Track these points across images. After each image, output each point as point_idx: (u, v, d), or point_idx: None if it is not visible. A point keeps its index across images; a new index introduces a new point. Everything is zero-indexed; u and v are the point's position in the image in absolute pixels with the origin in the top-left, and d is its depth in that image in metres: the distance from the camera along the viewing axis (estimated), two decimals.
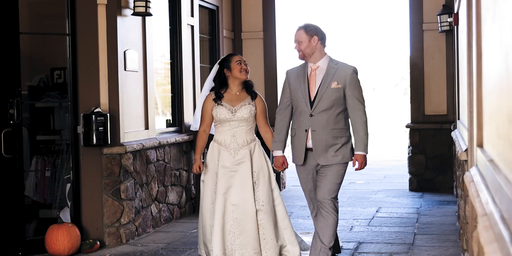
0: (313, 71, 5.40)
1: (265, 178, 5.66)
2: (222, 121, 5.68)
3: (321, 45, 5.41)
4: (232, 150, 5.64)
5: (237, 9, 10.38)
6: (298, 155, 5.42)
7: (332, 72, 5.33)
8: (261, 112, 5.79)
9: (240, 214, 5.51)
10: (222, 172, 5.60)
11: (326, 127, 5.29)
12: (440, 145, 9.91)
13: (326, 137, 5.29)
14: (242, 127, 5.69)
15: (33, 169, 7.14)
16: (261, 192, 5.60)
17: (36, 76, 7.89)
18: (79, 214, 6.66)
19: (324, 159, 5.32)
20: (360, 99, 5.33)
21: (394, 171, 13.21)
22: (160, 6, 7.88)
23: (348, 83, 5.29)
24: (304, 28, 5.41)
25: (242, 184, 5.56)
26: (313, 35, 5.37)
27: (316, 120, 5.30)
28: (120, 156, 6.70)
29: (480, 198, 2.66)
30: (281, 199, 5.78)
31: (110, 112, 6.66)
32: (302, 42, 5.37)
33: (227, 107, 5.67)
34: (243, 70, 5.73)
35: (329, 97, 5.28)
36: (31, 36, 7.66)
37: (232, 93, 5.76)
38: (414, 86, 10.03)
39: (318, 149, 5.31)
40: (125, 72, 6.90)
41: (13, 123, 6.29)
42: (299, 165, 5.46)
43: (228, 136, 5.67)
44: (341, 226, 7.47)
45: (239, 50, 10.39)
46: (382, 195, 9.81)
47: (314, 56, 5.38)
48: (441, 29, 9.54)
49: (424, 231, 7.13)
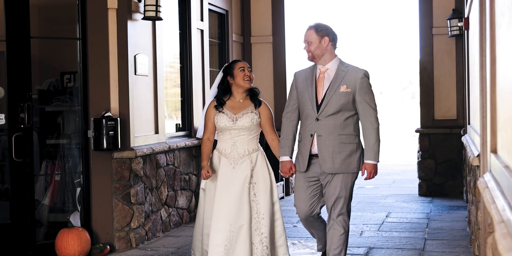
0: (321, 74, 5.14)
1: (266, 191, 5.38)
2: (222, 129, 5.47)
3: (332, 47, 5.13)
4: (232, 160, 5.41)
5: (247, 13, 10.39)
6: (302, 161, 5.14)
7: (341, 75, 5.05)
8: (266, 120, 5.51)
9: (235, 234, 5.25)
10: (220, 184, 5.37)
11: (333, 132, 5.01)
12: (449, 150, 9.88)
13: (333, 143, 5.01)
14: (243, 136, 5.44)
15: (43, 173, 7.14)
16: (262, 205, 5.34)
17: (46, 80, 7.90)
18: (89, 218, 6.67)
19: (330, 167, 5.02)
20: (372, 104, 5.04)
21: (403, 175, 13.18)
22: (170, 11, 7.89)
23: (359, 88, 5.01)
24: (315, 28, 5.13)
25: (240, 198, 5.30)
26: (324, 36, 5.10)
27: (322, 124, 5.03)
28: (130, 160, 6.70)
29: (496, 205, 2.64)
30: (281, 214, 5.50)
31: (120, 116, 6.67)
32: (312, 43, 5.10)
33: (228, 114, 5.45)
34: (246, 77, 5.47)
35: (337, 101, 5.00)
36: (41, 40, 7.67)
37: (236, 100, 5.53)
38: (424, 90, 10.01)
39: (324, 155, 5.02)
40: (135, 76, 6.90)
41: (23, 127, 6.30)
42: (301, 172, 5.17)
43: (228, 145, 5.45)
44: (351, 231, 7.43)
45: (248, 54, 10.40)
46: (391, 200, 9.78)
47: (324, 58, 5.12)
48: (451, 33, 9.53)
49: (434, 237, 7.10)
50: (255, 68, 10.35)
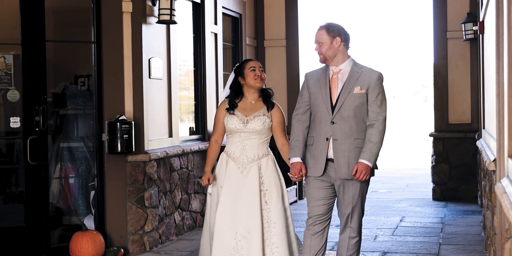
0: (334, 75, 4.89)
1: (278, 197, 5.18)
2: (232, 131, 5.25)
3: (344, 47, 4.89)
4: (241, 164, 5.20)
5: (260, 17, 10.39)
6: (317, 166, 4.86)
7: (355, 76, 4.83)
8: (278, 124, 5.30)
9: (243, 243, 5.07)
10: (226, 187, 5.18)
11: (349, 136, 4.78)
12: (464, 154, 9.83)
13: (349, 148, 4.78)
14: (254, 139, 5.23)
15: (57, 176, 7.16)
16: (273, 213, 5.14)
17: (61, 83, 7.92)
18: (103, 221, 6.67)
19: (346, 173, 4.78)
20: (382, 107, 4.81)
21: (416, 180, 13.13)
22: (184, 14, 7.90)
23: (372, 89, 4.79)
24: (326, 28, 4.88)
25: (248, 205, 5.11)
26: (336, 36, 4.84)
27: (338, 128, 4.79)
28: (144, 163, 6.71)
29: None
30: (291, 220, 5.31)
31: (135, 119, 6.68)
32: (323, 44, 4.86)
33: (239, 116, 5.23)
34: (257, 77, 5.24)
35: (352, 103, 4.78)
36: (56, 44, 7.69)
37: (247, 101, 5.31)
38: (438, 94, 9.97)
39: (340, 160, 4.78)
40: (150, 80, 6.91)
41: (38, 131, 6.32)
42: (316, 176, 4.89)
43: (237, 148, 5.24)
44: (364, 235, 7.41)
45: (262, 58, 10.39)
46: (405, 204, 9.74)
47: (336, 59, 4.87)
48: (465, 37, 9.49)
49: (449, 241, 7.06)
50: (268, 71, 10.34)
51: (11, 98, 6.42)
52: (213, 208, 5.28)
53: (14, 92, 6.41)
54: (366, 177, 4.75)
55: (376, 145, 4.75)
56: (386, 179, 13.36)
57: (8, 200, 6.96)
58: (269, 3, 10.37)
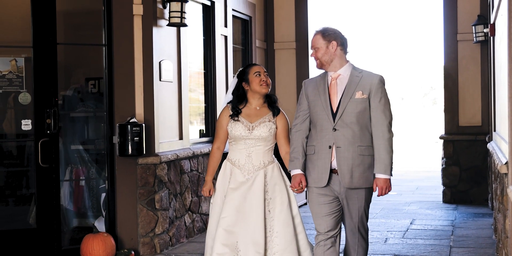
0: (333, 80, 4.69)
1: (283, 205, 4.98)
2: (237, 138, 5.03)
3: (342, 51, 4.69)
4: (246, 172, 5.01)
5: (270, 19, 10.39)
6: (320, 175, 4.64)
7: (355, 80, 4.63)
8: (282, 130, 5.08)
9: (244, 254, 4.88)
10: (230, 197, 4.97)
11: (353, 144, 4.57)
12: (474, 156, 9.80)
13: (352, 155, 4.56)
14: (259, 147, 5.03)
15: (68, 179, 7.17)
16: (276, 222, 4.94)
17: (71, 86, 7.94)
18: (114, 223, 6.69)
19: (350, 182, 4.58)
20: (387, 112, 4.61)
21: (426, 182, 13.10)
22: (194, 17, 7.91)
23: (374, 94, 4.60)
24: (322, 33, 4.70)
25: (251, 214, 4.92)
26: (332, 40, 4.66)
27: (340, 135, 4.58)
28: (155, 166, 6.72)
29: None
30: (303, 227, 5.09)
31: (145, 122, 6.69)
32: (319, 49, 4.67)
33: (244, 123, 5.02)
34: (263, 83, 5.03)
35: (353, 108, 4.58)
36: (66, 46, 7.71)
37: (252, 107, 5.10)
38: (448, 97, 9.95)
39: (344, 169, 4.57)
40: (160, 82, 6.93)
41: (50, 133, 6.35)
42: (320, 186, 4.66)
43: (243, 156, 5.03)
44: (375, 238, 7.41)
45: (271, 60, 10.40)
46: (415, 207, 9.71)
47: (334, 64, 4.67)
48: (476, 39, 9.47)
49: (460, 244, 7.04)
50: (278, 74, 10.36)
51: (22, 101, 6.45)
52: (214, 218, 5.08)
53: (25, 95, 6.44)
54: (389, 190, 4.58)
55: (388, 154, 4.55)
56: (396, 181, 13.31)
57: (19, 202, 6.98)
58: (279, 6, 10.38)
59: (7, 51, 6.51)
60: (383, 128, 4.56)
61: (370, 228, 7.89)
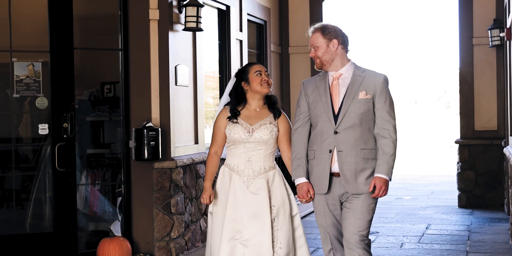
0: (335, 80, 4.45)
1: (286, 215, 4.70)
2: (236, 142, 4.72)
3: (343, 50, 4.45)
4: (246, 178, 4.70)
5: (285, 23, 10.40)
6: (320, 182, 4.40)
7: (359, 80, 4.39)
8: (285, 133, 4.76)
9: None
10: (231, 205, 4.68)
11: (355, 147, 4.34)
12: (490, 161, 9.76)
13: (355, 159, 4.33)
14: (260, 150, 4.71)
15: (84, 183, 7.20)
16: (281, 232, 4.66)
17: (87, 90, 7.98)
18: (130, 227, 6.70)
19: (354, 187, 4.34)
20: (391, 113, 4.39)
21: (441, 186, 13.04)
22: (209, 21, 7.92)
23: (379, 94, 4.37)
24: (321, 30, 4.44)
25: (258, 224, 4.63)
26: (332, 39, 4.41)
27: (342, 138, 4.34)
28: (171, 170, 6.73)
29: None
30: (305, 239, 4.82)
31: (161, 126, 6.70)
32: (319, 48, 4.42)
33: (244, 125, 4.71)
34: (264, 82, 4.73)
35: (357, 110, 4.35)
36: (82, 51, 7.76)
37: (251, 109, 4.79)
38: (464, 101, 9.91)
39: (347, 173, 4.33)
40: (176, 87, 6.94)
41: (66, 137, 6.37)
42: (321, 193, 4.44)
43: (242, 161, 4.72)
44: (390, 243, 7.39)
45: (286, 65, 10.40)
46: (430, 212, 9.67)
47: (335, 64, 4.44)
48: (491, 43, 9.43)
49: (476, 250, 7.00)
50: (292, 78, 10.36)
51: (39, 105, 6.48)
52: (217, 229, 4.76)
53: (42, 99, 6.47)
54: (385, 193, 4.35)
55: (392, 156, 4.34)
56: (411, 186, 13.29)
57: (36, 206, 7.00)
58: (294, 10, 10.39)
59: (24, 56, 6.54)
60: (389, 129, 4.36)
61: (386, 233, 7.91)
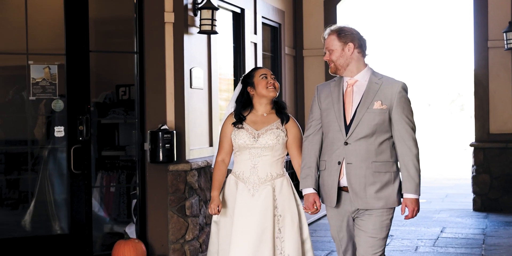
0: (349, 87, 4.18)
1: (293, 225, 4.48)
2: (241, 147, 4.55)
3: (359, 54, 4.17)
4: (251, 186, 4.50)
5: (299, 26, 10.41)
6: (329, 194, 4.15)
7: (374, 88, 4.11)
8: (295, 139, 4.58)
9: None
10: (238, 213, 4.48)
11: (366, 160, 4.05)
12: (505, 164, 9.71)
13: (366, 173, 4.05)
14: (266, 157, 4.52)
15: (99, 185, 7.23)
16: (287, 243, 4.45)
17: (102, 93, 8.03)
18: (145, 230, 6.72)
19: (363, 202, 4.07)
20: (411, 124, 4.10)
21: (455, 190, 12.99)
22: (224, 24, 7.94)
23: (396, 103, 4.07)
24: (337, 33, 4.18)
25: (259, 238, 4.42)
26: (348, 42, 4.15)
27: (352, 150, 4.07)
28: (186, 173, 6.74)
29: None
30: (313, 253, 4.62)
31: (176, 129, 6.72)
32: (334, 51, 4.17)
33: (249, 130, 4.55)
34: (270, 85, 4.57)
35: (371, 120, 4.06)
36: (97, 53, 7.80)
37: (258, 114, 4.63)
38: (479, 104, 9.87)
39: (356, 187, 4.06)
40: (191, 89, 6.96)
41: (82, 140, 6.40)
42: (331, 207, 4.21)
43: (247, 167, 4.53)
44: (405, 246, 7.37)
45: (300, 67, 10.40)
46: (445, 215, 9.64)
47: (350, 69, 4.17)
48: (507, 46, 9.39)
49: (492, 253, 6.97)
50: (307, 81, 10.37)
51: (55, 108, 6.52)
52: (221, 239, 4.60)
53: (58, 102, 6.51)
54: (418, 212, 4.09)
55: (416, 172, 4.06)
56: (425, 189, 13.19)
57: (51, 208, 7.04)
58: (308, 13, 10.39)
59: (40, 59, 6.58)
60: (410, 143, 4.07)
61: (400, 236, 7.89)
